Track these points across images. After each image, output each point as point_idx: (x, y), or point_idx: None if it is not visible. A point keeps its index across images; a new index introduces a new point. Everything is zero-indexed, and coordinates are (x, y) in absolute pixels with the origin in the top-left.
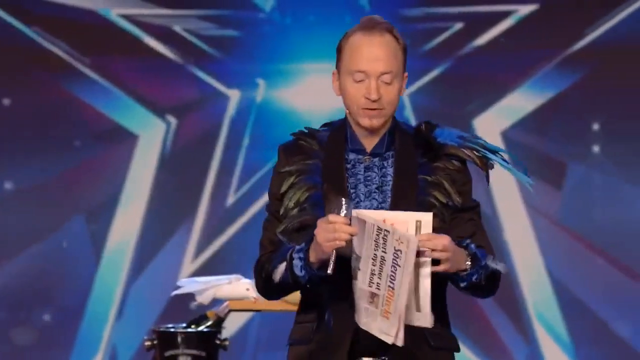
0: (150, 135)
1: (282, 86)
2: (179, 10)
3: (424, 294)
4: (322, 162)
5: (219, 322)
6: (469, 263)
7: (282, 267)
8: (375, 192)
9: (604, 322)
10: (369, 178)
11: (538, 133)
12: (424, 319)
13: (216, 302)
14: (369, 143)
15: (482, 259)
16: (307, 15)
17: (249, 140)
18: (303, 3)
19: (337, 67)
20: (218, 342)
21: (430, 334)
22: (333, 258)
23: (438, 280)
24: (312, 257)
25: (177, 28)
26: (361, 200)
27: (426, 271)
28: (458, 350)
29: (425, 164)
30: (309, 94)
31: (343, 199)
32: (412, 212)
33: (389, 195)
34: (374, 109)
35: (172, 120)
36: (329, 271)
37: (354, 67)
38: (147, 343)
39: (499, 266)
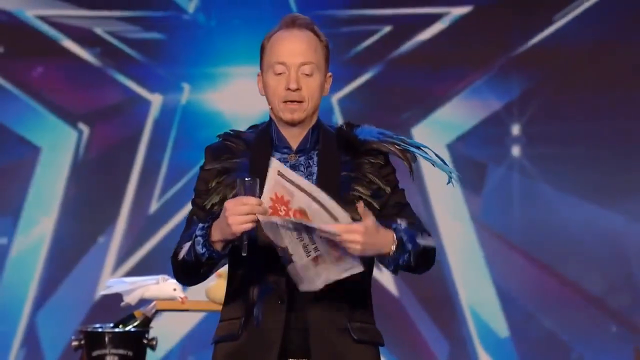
0: (59, 145)
1: (207, 90)
2: (100, 11)
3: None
4: (249, 160)
5: (147, 321)
6: (394, 248)
7: (187, 245)
8: None
9: (533, 316)
10: None
11: (460, 136)
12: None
13: (144, 302)
14: (294, 141)
15: (409, 241)
16: (233, 18)
17: (173, 145)
18: (228, 5)
19: (260, 67)
20: (145, 341)
21: (353, 328)
22: (245, 240)
23: (362, 274)
24: (216, 236)
25: (99, 30)
26: None
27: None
28: (382, 344)
29: (348, 161)
30: (235, 98)
31: (258, 179)
32: (334, 205)
33: None
34: (295, 102)
35: (85, 128)
36: (243, 253)
37: (274, 59)
38: (75, 343)
39: (429, 241)
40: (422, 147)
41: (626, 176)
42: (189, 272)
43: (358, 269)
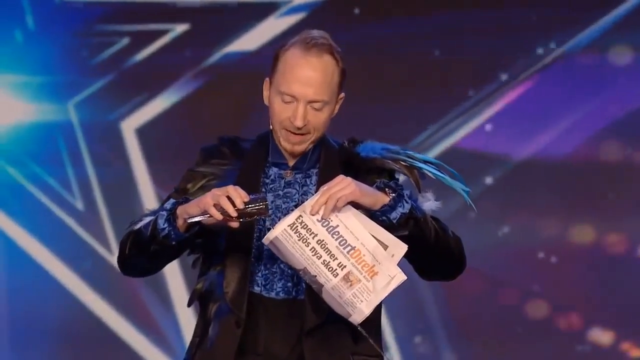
0: None
1: None
2: None
3: (373, 228)
4: (239, 170)
5: None
6: (393, 194)
7: (149, 218)
8: (292, 210)
9: None
10: (288, 194)
11: None
12: (397, 246)
13: None
14: (292, 158)
15: (409, 197)
16: None
17: None
18: None
19: (270, 76)
20: None
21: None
22: (199, 217)
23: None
24: (183, 211)
25: None
26: (277, 217)
27: (354, 211)
28: (381, 358)
29: None
30: None
31: (267, 203)
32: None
33: None
34: (298, 134)
35: None
36: (190, 220)
37: (284, 88)
38: None
39: (432, 203)
40: (431, 162)
41: None
42: (138, 247)
43: (400, 277)
